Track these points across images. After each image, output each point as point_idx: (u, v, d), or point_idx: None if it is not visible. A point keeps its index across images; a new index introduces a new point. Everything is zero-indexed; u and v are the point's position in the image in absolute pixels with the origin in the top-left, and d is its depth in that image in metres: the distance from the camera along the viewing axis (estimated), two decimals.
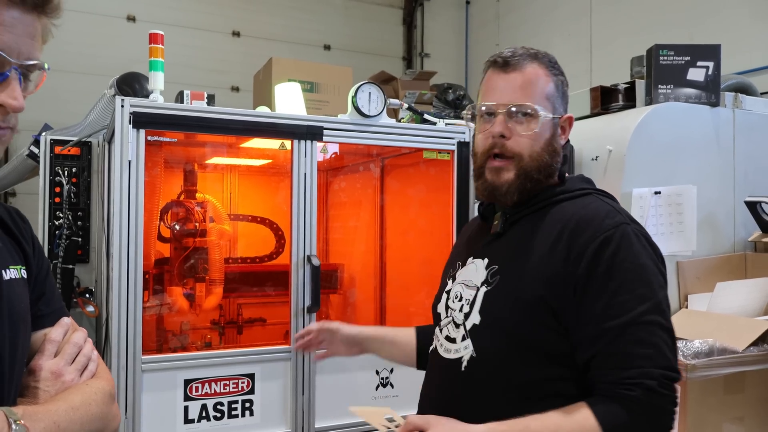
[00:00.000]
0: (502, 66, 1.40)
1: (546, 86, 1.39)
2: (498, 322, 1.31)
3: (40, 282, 1.15)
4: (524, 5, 6.68)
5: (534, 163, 1.36)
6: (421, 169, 3.31)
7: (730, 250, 2.75)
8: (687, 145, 2.68)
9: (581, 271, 1.24)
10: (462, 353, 1.35)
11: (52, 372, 1.07)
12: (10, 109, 0.90)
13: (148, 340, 2.63)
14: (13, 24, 0.88)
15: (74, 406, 1.03)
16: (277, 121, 2.66)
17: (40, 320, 1.12)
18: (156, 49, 2.53)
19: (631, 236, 1.26)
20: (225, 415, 2.54)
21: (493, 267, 1.37)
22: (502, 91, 1.39)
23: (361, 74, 4.90)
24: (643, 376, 1.16)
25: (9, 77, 0.89)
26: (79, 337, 1.14)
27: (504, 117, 1.37)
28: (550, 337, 1.26)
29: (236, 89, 6.27)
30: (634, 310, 1.20)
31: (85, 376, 1.11)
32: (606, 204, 1.35)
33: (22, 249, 1.13)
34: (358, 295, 3.69)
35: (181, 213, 3.15)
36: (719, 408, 2.14)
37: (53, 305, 1.16)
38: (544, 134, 1.37)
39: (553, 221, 1.34)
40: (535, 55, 1.41)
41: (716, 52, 2.77)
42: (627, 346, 1.19)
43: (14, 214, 1.16)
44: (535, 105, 1.36)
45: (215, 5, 6.29)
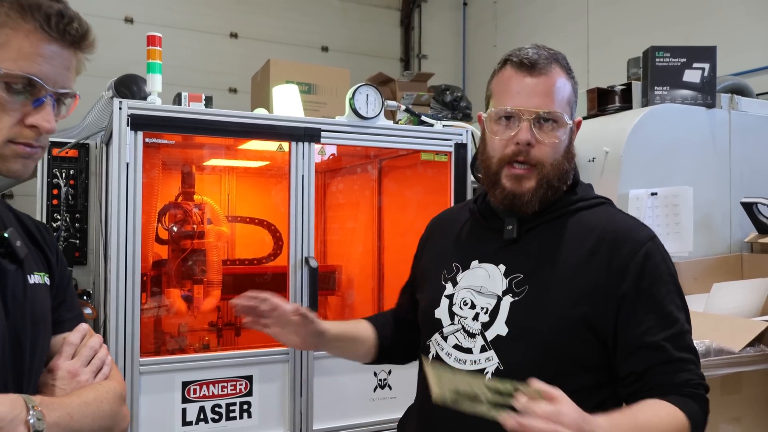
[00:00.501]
0: (528, 68, 1.32)
1: (568, 92, 1.35)
2: (530, 334, 1.29)
3: (61, 290, 1.25)
4: (521, 6, 6.69)
5: (555, 171, 1.33)
6: (419, 171, 3.32)
7: (727, 251, 2.76)
8: (683, 146, 2.69)
9: (627, 286, 1.27)
10: (484, 365, 1.31)
11: (69, 372, 1.16)
12: (43, 131, 1.03)
13: (145, 342, 2.63)
14: (52, 57, 1.00)
15: (87, 401, 1.12)
16: (274, 123, 2.66)
17: (61, 325, 1.22)
18: (154, 51, 2.53)
19: (661, 248, 1.33)
20: (223, 417, 2.54)
21: (516, 276, 1.33)
22: (528, 95, 1.32)
23: (359, 76, 4.91)
24: (699, 378, 1.28)
25: (44, 102, 1.02)
26: (95, 342, 1.23)
27: (530, 123, 1.31)
28: (587, 350, 1.28)
29: (234, 91, 6.28)
30: (679, 320, 1.28)
31: (98, 378, 1.20)
32: (627, 215, 1.41)
33: (46, 258, 1.23)
34: (356, 297, 3.69)
35: (179, 215, 3.14)
36: (716, 409, 2.13)
37: (73, 311, 1.26)
38: (565, 141, 1.35)
39: (579, 231, 1.33)
40: (556, 58, 1.36)
41: (712, 54, 2.79)
42: (682, 352, 1.27)
43: (41, 227, 1.27)
44: (562, 112, 1.32)
45: (213, 7, 6.29)
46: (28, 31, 0.99)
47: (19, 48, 0.98)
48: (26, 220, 1.25)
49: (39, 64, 0.99)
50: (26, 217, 1.27)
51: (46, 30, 0.99)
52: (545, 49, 1.37)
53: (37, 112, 1.02)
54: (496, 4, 7.13)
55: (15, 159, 1.03)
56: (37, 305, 1.14)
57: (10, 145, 1.02)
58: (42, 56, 0.99)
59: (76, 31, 1.03)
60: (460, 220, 1.53)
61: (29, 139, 1.03)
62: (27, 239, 1.21)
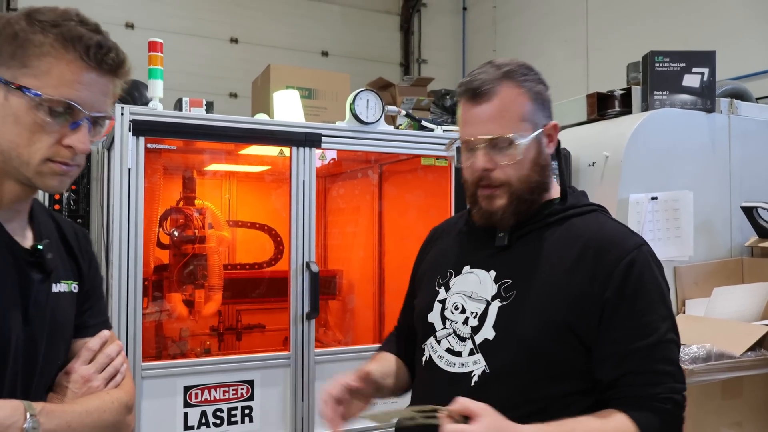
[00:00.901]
0: (472, 97, 1.34)
1: (521, 106, 1.33)
2: (516, 339, 1.30)
3: (90, 296, 1.32)
4: (520, 11, 6.72)
5: (524, 185, 1.34)
6: (419, 175, 3.32)
7: (727, 255, 2.77)
8: (683, 151, 2.70)
9: (609, 294, 1.26)
10: (471, 368, 1.32)
11: (82, 376, 1.23)
12: (78, 151, 1.11)
13: (147, 346, 2.64)
14: (90, 84, 1.09)
15: (89, 410, 1.18)
16: (275, 129, 2.67)
17: (84, 330, 1.29)
18: (155, 57, 2.54)
19: (649, 257, 1.31)
20: (225, 422, 2.54)
21: (505, 281, 1.35)
22: (476, 123, 1.34)
23: (359, 80, 4.92)
24: (671, 392, 1.24)
25: (81, 125, 1.10)
26: (113, 350, 1.29)
27: (484, 150, 1.33)
28: (571, 356, 1.28)
29: (234, 95, 6.30)
30: (659, 329, 1.26)
31: (110, 386, 1.26)
32: (618, 223, 1.40)
33: (78, 266, 1.30)
34: (356, 301, 3.69)
35: (180, 219, 3.15)
36: (717, 413, 2.15)
37: (97, 318, 1.33)
38: (529, 155, 1.34)
39: (567, 238, 1.34)
40: (506, 73, 1.34)
41: (711, 59, 2.80)
42: (656, 364, 1.24)
43: (80, 235, 1.35)
44: (511, 133, 1.31)
45: (214, 12, 6.31)
46: (69, 61, 1.07)
47: (60, 75, 1.07)
48: (66, 226, 1.33)
49: (77, 91, 1.08)
50: (67, 224, 1.34)
51: (85, 60, 1.08)
52: (493, 68, 1.36)
53: (73, 133, 1.10)
54: (495, 8, 7.16)
55: (52, 176, 1.11)
56: (57, 313, 1.21)
57: (48, 163, 1.10)
58: (81, 83, 1.08)
59: (113, 60, 1.11)
60: (456, 229, 1.56)
61: (66, 159, 1.11)
62: (62, 247, 1.28)
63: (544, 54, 6.26)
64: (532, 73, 1.37)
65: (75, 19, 1.10)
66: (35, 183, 1.12)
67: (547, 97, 1.39)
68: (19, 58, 1.06)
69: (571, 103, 3.14)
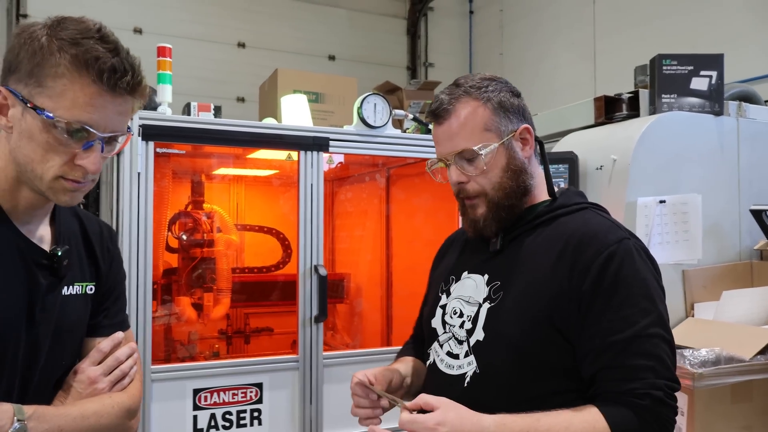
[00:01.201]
0: (434, 118, 1.43)
1: (482, 118, 1.38)
2: (503, 339, 1.32)
3: (107, 298, 1.33)
4: (527, 14, 6.72)
5: (499, 193, 1.38)
6: (427, 179, 3.30)
7: (736, 259, 2.75)
8: (691, 154, 2.69)
9: (586, 287, 1.26)
10: (465, 369, 1.36)
11: (89, 377, 1.24)
12: (90, 172, 1.13)
13: (157, 349, 2.65)
14: (104, 106, 1.10)
15: (85, 414, 1.18)
16: (283, 133, 2.68)
17: (98, 330, 1.30)
18: (164, 62, 2.56)
19: (633, 251, 1.29)
20: (234, 425, 2.55)
21: (495, 283, 1.38)
22: (442, 141, 1.42)
23: (366, 84, 4.93)
24: (650, 387, 1.20)
25: (93, 146, 1.11)
26: (123, 353, 1.30)
27: (454, 165, 1.39)
28: (555, 353, 1.28)
29: (241, 100, 6.33)
30: (638, 323, 1.23)
31: (116, 388, 1.26)
32: (605, 219, 1.39)
33: (97, 267, 1.31)
34: (364, 305, 3.70)
35: (189, 223, 3.17)
36: (726, 417, 2.14)
37: (113, 319, 1.34)
38: (498, 163, 1.38)
39: (553, 237, 1.35)
40: (464, 90, 1.40)
41: (719, 62, 2.79)
42: (633, 358, 1.22)
43: (105, 233, 1.36)
44: (472, 146, 1.36)
45: (221, 17, 6.34)
46: (84, 84, 1.08)
47: (74, 98, 1.08)
48: (91, 226, 1.34)
49: (91, 113, 1.09)
50: (93, 222, 1.35)
51: (99, 84, 1.08)
52: (451, 87, 1.43)
53: (86, 154, 1.11)
54: (502, 12, 7.16)
55: (64, 192, 1.13)
56: (66, 316, 1.22)
57: (60, 180, 1.12)
58: (94, 106, 1.09)
59: (127, 84, 1.11)
60: (463, 237, 1.60)
61: (77, 177, 1.13)
62: (83, 247, 1.30)
63: (550, 57, 6.26)
64: (494, 84, 1.42)
65: (95, 36, 1.09)
66: (48, 196, 1.14)
67: (513, 104, 1.42)
68: (36, 77, 1.07)
69: (578, 107, 3.14)
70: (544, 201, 1.44)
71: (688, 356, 2.16)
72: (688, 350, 2.21)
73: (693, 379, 2.05)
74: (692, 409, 2.09)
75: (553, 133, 3.26)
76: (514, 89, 1.44)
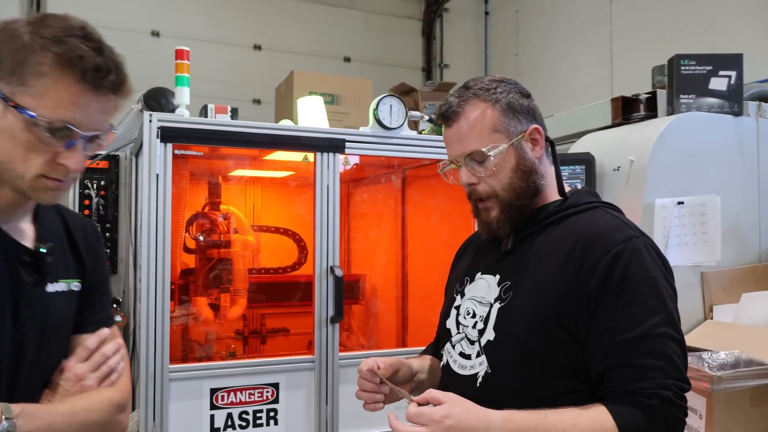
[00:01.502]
0: (444, 120, 1.44)
1: (490, 120, 1.38)
2: (513, 338, 1.32)
3: (91, 294, 1.32)
4: (543, 15, 6.69)
5: (510, 193, 1.39)
6: (442, 180, 3.30)
7: (756, 261, 2.73)
8: (710, 154, 2.67)
9: (594, 286, 1.26)
10: (477, 369, 1.37)
11: (76, 374, 1.23)
12: (71, 170, 1.12)
13: (174, 349, 2.67)
14: (87, 104, 1.09)
15: (75, 410, 1.18)
16: (300, 134, 2.70)
17: (83, 326, 1.29)
18: (182, 65, 2.59)
19: (642, 250, 1.28)
20: (250, 424, 2.57)
21: (505, 283, 1.39)
22: (452, 144, 1.43)
23: (381, 86, 4.94)
24: (659, 387, 1.19)
25: (75, 145, 1.10)
26: (109, 349, 1.29)
27: (465, 166, 1.40)
28: (564, 352, 1.29)
29: (258, 102, 6.36)
30: (646, 322, 1.23)
31: (104, 384, 1.26)
32: (615, 218, 1.38)
33: (81, 264, 1.31)
34: (380, 306, 3.71)
35: (206, 224, 3.20)
36: (745, 421, 2.12)
37: (97, 315, 1.32)
38: (508, 163, 1.38)
39: (562, 236, 1.36)
40: (473, 93, 1.41)
41: (738, 61, 2.77)
42: (641, 358, 1.21)
43: (88, 228, 1.35)
44: (481, 147, 1.37)
45: (237, 20, 6.38)
46: (67, 84, 1.07)
47: (57, 97, 1.06)
48: (74, 223, 1.33)
49: (73, 112, 1.08)
50: (75, 219, 1.35)
51: (82, 83, 1.07)
52: (460, 90, 1.44)
53: (68, 153, 1.10)
54: (518, 12, 7.13)
55: (45, 191, 1.13)
56: (52, 313, 1.22)
57: (42, 179, 1.11)
58: (77, 105, 1.08)
59: (111, 83, 1.10)
60: (479, 239, 1.61)
61: (59, 176, 1.12)
62: (67, 244, 1.29)
63: (567, 58, 6.23)
64: (503, 85, 1.43)
65: (78, 34, 1.08)
66: (29, 195, 1.14)
67: (522, 105, 1.42)
68: (18, 75, 1.06)
69: (595, 108, 3.12)
70: (555, 201, 1.45)
71: (707, 359, 2.14)
72: (707, 353, 2.19)
73: (711, 382, 2.03)
74: (710, 412, 2.07)
75: (569, 134, 3.24)
76: (523, 90, 1.45)
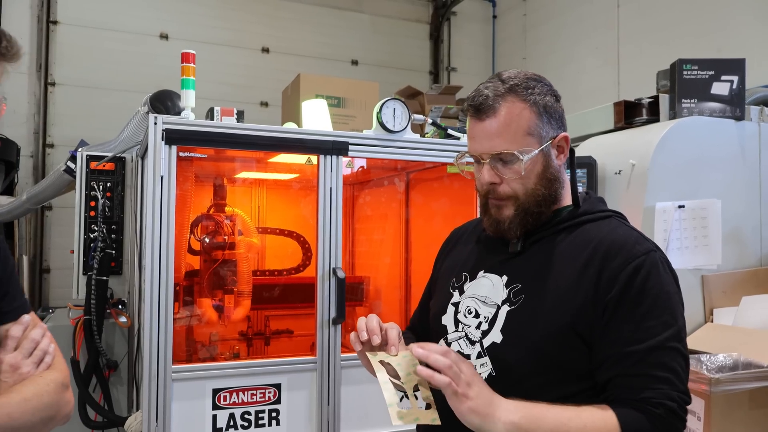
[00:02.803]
0: (475, 113, 1.36)
1: (526, 121, 1.34)
2: (524, 342, 1.32)
3: (4, 282, 1.32)
4: (551, 19, 6.69)
5: (531, 198, 1.36)
6: (445, 183, 3.35)
7: (757, 264, 2.73)
8: (711, 159, 2.68)
9: (612, 295, 1.27)
10: (479, 371, 1.35)
11: (11, 365, 1.24)
12: None
13: (178, 350, 2.70)
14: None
15: (27, 397, 1.21)
16: (303, 137, 2.72)
17: (3, 316, 1.30)
18: (188, 68, 2.62)
19: (659, 264, 1.30)
20: (252, 425, 2.59)
21: (515, 286, 1.37)
22: (480, 139, 1.36)
23: (389, 89, 4.97)
24: (664, 397, 1.21)
25: None
26: (37, 333, 1.31)
27: (489, 164, 1.36)
28: (576, 358, 1.29)
29: (265, 104, 6.40)
30: (659, 335, 1.24)
31: (41, 368, 1.28)
32: (632, 229, 1.39)
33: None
34: (383, 308, 3.72)
35: (211, 226, 3.22)
36: (744, 423, 2.12)
37: (15, 303, 1.33)
38: (535, 169, 1.35)
39: (578, 244, 1.35)
40: (510, 88, 1.35)
41: (741, 66, 2.77)
42: (651, 368, 1.23)
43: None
44: (515, 149, 1.32)
45: (246, 23, 6.43)
46: None
47: None
48: None
49: None
50: None
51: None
52: (497, 83, 1.37)
53: None
54: (525, 16, 7.14)
55: None
56: None
57: None
58: None
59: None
60: (477, 232, 1.58)
61: None
62: None
63: (574, 62, 6.23)
64: (540, 85, 1.38)
65: None
66: None
67: (556, 109, 1.39)
68: None
69: (598, 111, 3.13)
70: (567, 206, 1.44)
71: (706, 361, 2.15)
72: (706, 355, 2.20)
73: (710, 384, 2.04)
74: (709, 414, 2.08)
75: (573, 137, 3.24)
76: (556, 93, 1.41)
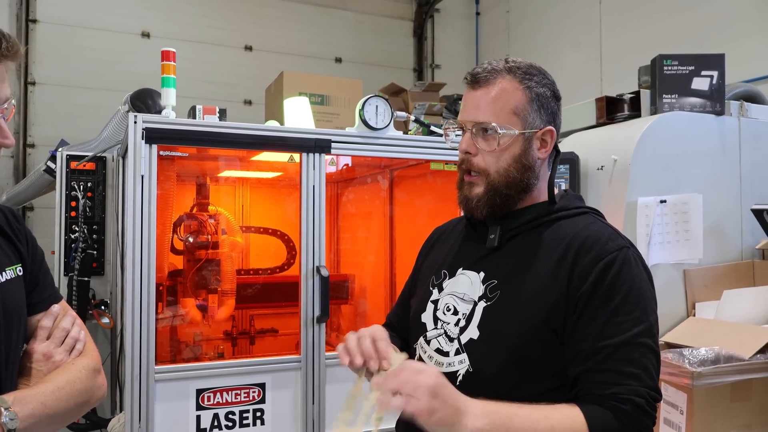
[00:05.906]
0: (471, 82, 1.39)
1: (515, 101, 1.36)
2: (498, 338, 1.32)
3: (34, 275, 1.35)
4: (534, 15, 6.71)
5: (501, 179, 1.37)
6: (429, 180, 3.35)
7: (738, 258, 2.75)
8: (692, 153, 2.69)
9: (584, 290, 1.27)
10: (457, 367, 1.35)
11: (44, 354, 1.28)
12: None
13: (161, 350, 2.68)
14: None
15: (60, 385, 1.23)
16: (285, 135, 2.71)
17: (34, 307, 1.33)
18: (168, 66, 2.60)
19: (631, 260, 1.30)
20: (237, 425, 2.58)
21: (491, 282, 1.37)
22: (468, 108, 1.39)
23: (372, 86, 4.95)
24: (632, 393, 1.21)
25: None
26: (67, 322, 1.34)
27: (470, 134, 1.37)
28: (550, 354, 1.29)
29: (249, 102, 6.36)
30: (629, 331, 1.24)
31: (73, 355, 1.31)
32: (606, 225, 1.39)
33: (17, 248, 1.33)
34: (368, 306, 3.72)
35: (194, 225, 3.20)
36: (726, 416, 2.14)
37: (45, 294, 1.36)
38: (513, 150, 1.36)
39: (553, 239, 1.36)
40: (511, 68, 1.37)
41: (720, 62, 2.79)
42: (620, 364, 1.23)
43: (9, 217, 1.35)
44: (496, 122, 1.34)
45: (228, 20, 6.39)
46: None
47: None
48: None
49: None
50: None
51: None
52: (502, 62, 1.40)
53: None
54: (509, 13, 7.16)
55: None
56: (8, 301, 1.25)
57: None
58: None
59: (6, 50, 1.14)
60: (457, 230, 1.59)
61: None
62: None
63: (557, 58, 6.25)
64: (541, 77, 1.39)
65: None
66: None
67: (550, 104, 1.40)
68: None
69: (580, 107, 3.14)
70: (542, 203, 1.44)
71: (688, 355, 2.17)
72: (688, 349, 2.21)
73: (692, 377, 2.06)
74: (691, 407, 2.09)
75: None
76: (557, 92, 1.43)
